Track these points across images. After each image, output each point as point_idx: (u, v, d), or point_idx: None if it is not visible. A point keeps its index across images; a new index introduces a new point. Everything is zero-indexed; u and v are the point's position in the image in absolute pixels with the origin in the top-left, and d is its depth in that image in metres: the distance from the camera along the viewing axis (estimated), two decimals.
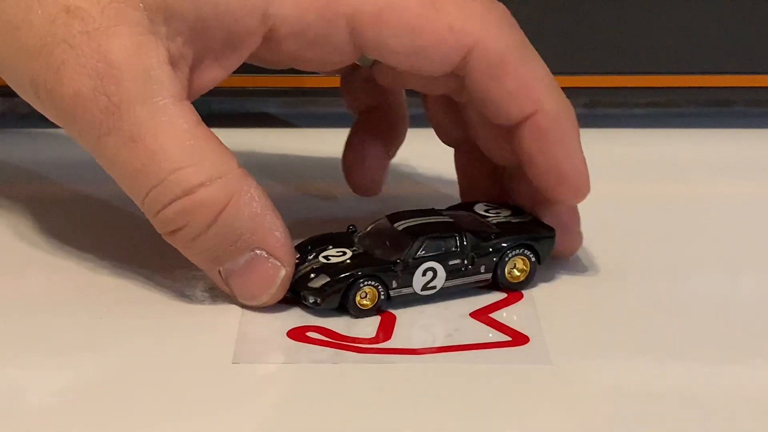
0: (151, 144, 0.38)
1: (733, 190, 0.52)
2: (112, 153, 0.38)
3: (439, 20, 0.40)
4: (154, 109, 0.38)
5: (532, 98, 0.41)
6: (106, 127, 0.38)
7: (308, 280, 0.40)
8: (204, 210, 0.38)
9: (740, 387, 0.38)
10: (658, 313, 0.41)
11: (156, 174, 0.38)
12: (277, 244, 0.39)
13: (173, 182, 0.38)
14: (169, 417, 0.36)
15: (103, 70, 0.38)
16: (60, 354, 0.39)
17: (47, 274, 0.43)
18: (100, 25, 0.38)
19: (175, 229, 0.39)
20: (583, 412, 0.36)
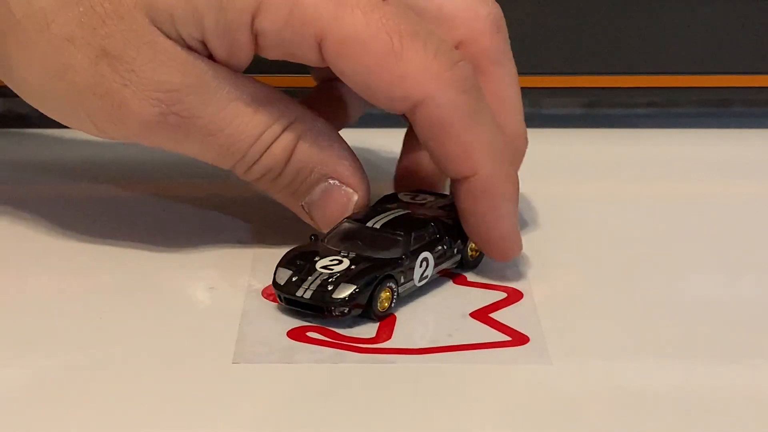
0: (229, 130, 0.42)
1: (733, 190, 0.52)
2: (196, 149, 0.42)
3: (395, 68, 0.40)
4: (218, 103, 0.41)
5: (469, 163, 0.41)
6: (183, 135, 0.42)
7: (329, 293, 0.39)
8: (281, 154, 0.42)
9: (740, 387, 0.38)
10: (658, 313, 0.41)
11: (240, 151, 0.42)
12: (347, 172, 0.43)
13: (254, 151, 0.42)
14: (170, 417, 0.36)
15: (164, 97, 0.41)
16: (60, 353, 0.39)
17: (47, 274, 0.43)
18: (142, 62, 0.40)
19: (260, 176, 0.43)
20: (583, 412, 0.36)
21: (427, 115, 0.41)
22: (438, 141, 0.41)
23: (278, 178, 0.43)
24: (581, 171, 0.54)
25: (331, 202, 0.43)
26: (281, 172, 0.43)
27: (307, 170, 0.43)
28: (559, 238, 0.47)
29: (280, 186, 0.43)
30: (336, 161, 0.43)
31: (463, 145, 0.41)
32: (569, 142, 0.56)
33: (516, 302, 0.42)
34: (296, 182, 0.43)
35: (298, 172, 0.43)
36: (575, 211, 0.49)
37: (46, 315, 0.41)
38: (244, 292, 0.42)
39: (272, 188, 0.43)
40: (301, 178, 0.43)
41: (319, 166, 0.43)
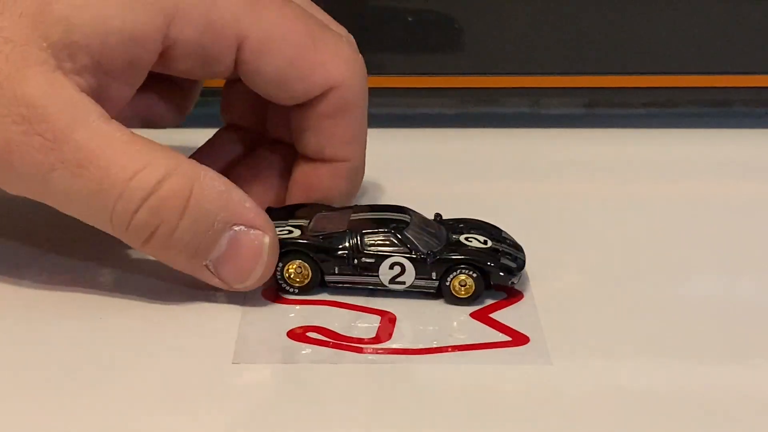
0: (101, 162, 0.38)
1: (733, 190, 0.52)
2: (64, 186, 0.38)
3: (314, 56, 0.42)
4: (92, 131, 0.38)
5: (353, 147, 0.44)
6: (48, 165, 0.38)
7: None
8: (172, 201, 0.38)
9: (740, 387, 0.38)
10: (658, 313, 0.41)
11: (115, 187, 0.38)
12: (252, 214, 0.40)
13: (134, 188, 0.38)
14: (170, 417, 0.36)
15: (28, 113, 0.38)
16: (59, 353, 0.39)
17: (47, 274, 0.43)
18: (9, 73, 0.38)
19: (151, 234, 0.39)
20: (583, 412, 0.36)
21: (338, 98, 0.43)
22: (338, 122, 0.43)
23: (174, 234, 0.39)
24: (581, 171, 0.54)
25: (242, 251, 0.40)
26: (177, 224, 0.39)
27: (209, 219, 0.39)
28: (559, 238, 0.47)
29: (179, 245, 0.39)
30: (238, 204, 0.40)
31: (356, 129, 0.44)
32: (569, 142, 0.56)
33: (516, 302, 0.42)
34: (197, 236, 0.39)
35: (197, 222, 0.39)
36: (575, 211, 0.49)
37: (45, 315, 0.41)
38: (244, 292, 0.42)
39: (168, 250, 0.39)
40: (202, 230, 0.39)
41: (222, 212, 0.39)
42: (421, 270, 0.41)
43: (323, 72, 0.42)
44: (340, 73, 0.43)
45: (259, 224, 0.40)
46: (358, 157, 0.45)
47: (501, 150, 0.55)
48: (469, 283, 0.41)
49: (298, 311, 0.41)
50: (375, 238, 0.41)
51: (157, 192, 0.38)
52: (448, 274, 0.41)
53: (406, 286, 0.41)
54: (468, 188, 0.52)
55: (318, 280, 0.41)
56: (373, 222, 0.42)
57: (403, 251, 0.41)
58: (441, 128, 0.56)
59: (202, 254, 0.40)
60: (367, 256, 0.41)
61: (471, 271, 0.41)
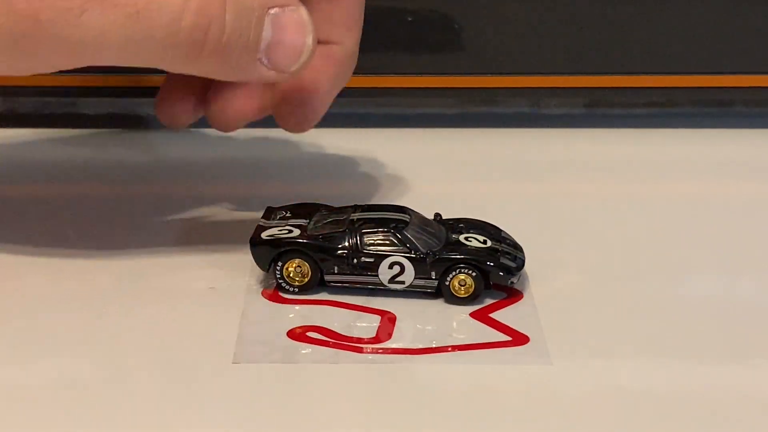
0: None
1: (733, 190, 0.52)
2: (100, 24, 0.37)
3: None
4: None
5: (341, 32, 0.44)
6: (78, 8, 0.37)
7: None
8: (211, 4, 0.38)
9: (740, 387, 0.38)
10: (658, 313, 0.41)
11: (153, 2, 0.37)
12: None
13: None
14: (169, 417, 0.36)
15: None
16: (59, 353, 0.39)
17: (47, 274, 0.43)
18: None
19: (205, 35, 0.38)
20: (583, 412, 0.36)
21: None
22: (334, 6, 0.43)
23: (225, 31, 0.38)
24: (581, 171, 0.54)
25: (288, 28, 0.40)
26: (224, 20, 0.38)
27: (248, 8, 0.39)
28: (559, 238, 0.47)
29: (231, 43, 0.39)
30: None
31: (353, 13, 0.44)
32: (569, 142, 0.56)
33: (516, 302, 0.42)
34: (244, 28, 0.39)
35: (240, 14, 0.39)
36: (575, 211, 0.49)
37: (45, 315, 0.41)
38: (244, 292, 0.42)
39: (223, 53, 0.39)
40: (246, 21, 0.39)
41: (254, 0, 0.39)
42: (420, 269, 0.41)
43: None
44: None
45: (290, 1, 0.40)
46: (353, 42, 0.44)
47: (501, 150, 0.55)
48: (469, 283, 0.41)
49: (298, 311, 0.41)
50: (374, 237, 0.41)
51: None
52: (447, 273, 0.41)
53: (406, 285, 0.41)
54: (468, 188, 0.52)
55: (317, 280, 0.41)
56: (372, 222, 0.42)
57: (403, 251, 0.41)
58: (441, 128, 0.56)
59: (254, 46, 0.39)
60: (367, 256, 0.41)
61: (470, 270, 0.41)
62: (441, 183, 0.52)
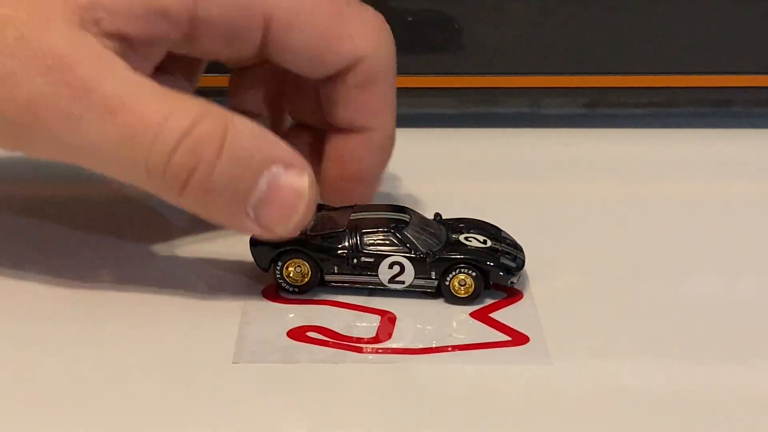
0: (133, 106, 0.37)
1: (733, 190, 0.52)
2: (94, 136, 0.37)
3: (343, 28, 0.42)
4: (120, 78, 0.38)
5: (382, 117, 0.44)
6: (77, 114, 0.37)
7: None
8: (209, 140, 0.37)
9: (740, 387, 0.38)
10: (658, 313, 0.41)
11: (149, 129, 0.37)
12: (288, 153, 0.39)
13: (169, 129, 0.37)
14: (169, 417, 0.36)
15: (54, 63, 0.37)
16: (59, 354, 0.39)
17: (47, 275, 0.43)
18: (33, 25, 0.37)
19: (189, 176, 0.37)
20: (583, 412, 0.36)
21: (367, 69, 0.43)
22: (369, 92, 0.43)
23: (212, 175, 0.38)
24: (581, 171, 0.54)
25: (283, 191, 0.39)
26: (215, 164, 0.37)
27: (246, 159, 0.38)
28: (559, 238, 0.47)
29: (218, 188, 0.38)
30: (273, 144, 0.39)
31: (386, 98, 0.44)
32: (569, 142, 0.56)
33: (516, 302, 0.42)
34: (236, 178, 0.38)
35: (235, 162, 0.38)
36: (575, 211, 0.49)
37: (45, 315, 0.41)
38: (244, 292, 0.42)
39: (207, 195, 0.38)
40: (241, 171, 0.38)
41: (258, 151, 0.38)
42: (420, 269, 0.41)
43: (352, 43, 0.42)
44: (369, 44, 0.42)
45: (296, 163, 0.39)
46: (389, 125, 0.44)
47: (501, 150, 0.55)
48: (469, 283, 0.41)
49: (298, 311, 0.41)
50: (374, 237, 0.41)
51: (192, 132, 0.37)
52: (447, 273, 0.41)
53: (406, 285, 0.41)
54: (468, 188, 0.52)
55: (317, 280, 0.41)
56: (372, 221, 0.42)
57: (403, 251, 0.41)
58: (441, 128, 0.56)
59: (242, 198, 0.38)
60: (367, 256, 0.41)
61: (470, 270, 0.41)
62: (441, 183, 0.52)
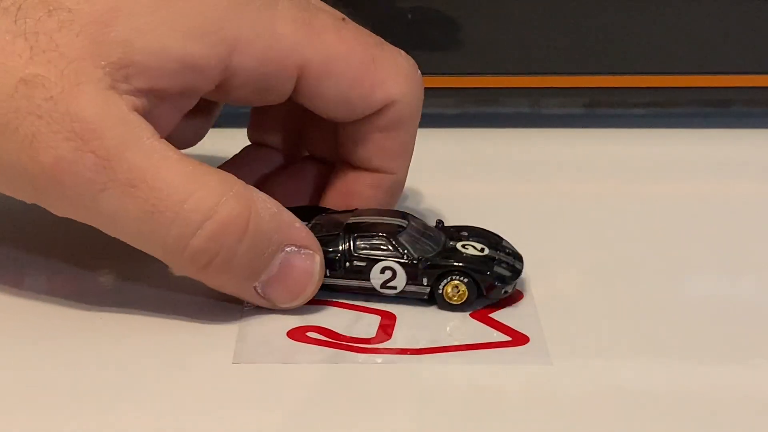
0: (155, 182, 0.37)
1: (733, 190, 0.52)
2: (115, 207, 0.37)
3: (375, 75, 0.42)
4: (145, 150, 0.37)
5: (400, 161, 0.44)
6: (100, 184, 0.37)
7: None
8: (233, 227, 0.38)
9: (740, 387, 0.38)
10: (658, 313, 0.41)
11: (170, 209, 0.37)
12: (302, 234, 0.40)
13: (190, 211, 0.37)
14: (169, 417, 0.36)
15: (81, 130, 0.37)
16: (60, 354, 0.39)
17: (47, 274, 0.43)
18: (63, 88, 0.37)
19: (210, 261, 0.38)
20: (583, 412, 0.36)
21: (395, 113, 0.42)
22: (391, 136, 0.43)
23: (235, 258, 0.38)
24: (581, 171, 0.54)
25: (295, 272, 0.39)
26: (236, 250, 0.38)
27: (265, 242, 0.39)
28: (559, 238, 0.47)
29: (235, 270, 0.38)
30: (289, 226, 0.39)
31: (407, 143, 0.44)
32: (569, 142, 0.56)
33: (516, 302, 0.41)
34: (253, 260, 0.39)
35: (255, 246, 0.38)
36: (575, 211, 0.49)
37: (45, 315, 0.41)
38: None
39: (227, 273, 0.39)
40: (258, 253, 0.39)
41: (276, 234, 0.39)
42: (412, 275, 0.41)
43: (383, 89, 0.42)
44: (400, 89, 0.42)
45: (309, 244, 0.40)
46: (403, 171, 0.44)
47: (501, 150, 0.55)
48: (462, 290, 0.41)
49: (298, 311, 0.41)
50: (367, 241, 0.41)
51: (215, 216, 0.37)
52: (440, 280, 0.41)
53: (398, 291, 0.41)
54: (468, 188, 0.52)
55: None
56: (367, 226, 0.41)
57: (395, 256, 0.41)
58: (441, 128, 0.56)
59: (254, 277, 0.39)
60: (359, 260, 0.41)
61: (463, 278, 0.41)
62: (441, 183, 0.52)
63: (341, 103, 0.42)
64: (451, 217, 0.44)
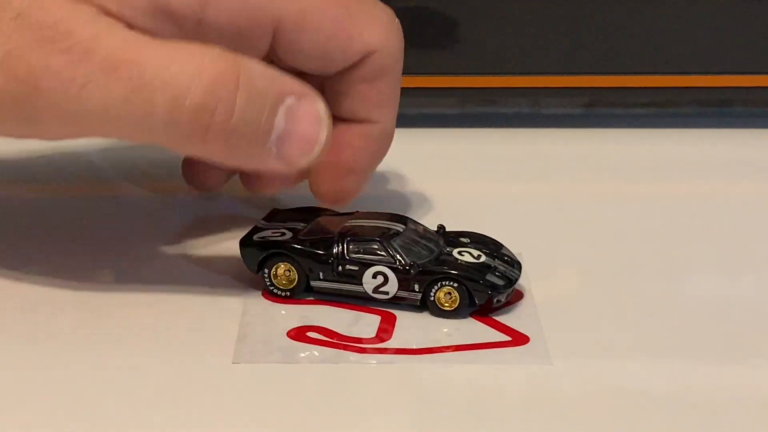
0: (137, 58, 0.36)
1: (733, 190, 0.52)
2: (102, 97, 0.36)
3: (353, 26, 0.42)
4: (120, 37, 0.37)
5: (385, 111, 0.44)
6: (81, 79, 0.36)
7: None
8: (224, 79, 0.37)
9: (740, 387, 0.38)
10: (658, 313, 0.41)
11: (156, 77, 0.36)
12: (298, 84, 0.39)
13: (177, 74, 0.36)
14: (170, 417, 0.36)
15: (51, 34, 0.36)
16: (60, 354, 0.39)
17: (47, 274, 0.43)
18: (30, 2, 0.36)
19: (210, 118, 0.36)
20: (583, 412, 0.36)
21: (375, 63, 0.42)
22: (374, 86, 0.43)
23: (233, 115, 0.37)
24: (581, 171, 0.54)
25: (302, 120, 0.38)
26: (234, 103, 0.37)
27: (262, 95, 0.38)
28: (559, 238, 0.47)
29: (239, 129, 0.37)
30: (283, 78, 0.39)
31: (391, 93, 0.44)
32: (569, 142, 0.56)
33: (516, 302, 0.41)
34: (255, 115, 0.37)
35: (252, 99, 0.37)
36: (575, 211, 0.49)
37: (45, 315, 0.41)
38: (244, 292, 0.42)
39: (229, 138, 0.37)
40: (258, 108, 0.37)
41: (272, 85, 0.38)
42: (404, 281, 0.40)
43: (362, 40, 0.42)
44: (379, 39, 0.42)
45: (307, 91, 0.39)
46: (390, 120, 0.44)
47: (501, 150, 0.55)
48: (454, 296, 0.40)
49: (298, 311, 0.41)
50: (360, 246, 0.41)
51: (202, 73, 0.36)
52: (431, 286, 0.40)
53: (390, 296, 0.41)
54: (468, 188, 0.52)
55: (304, 285, 0.41)
56: (362, 229, 0.41)
57: (387, 261, 0.40)
58: (441, 128, 0.56)
59: (264, 135, 0.38)
60: (351, 264, 0.41)
61: (454, 284, 0.40)
62: (441, 183, 0.52)
63: (320, 56, 0.42)
64: (450, 218, 0.44)
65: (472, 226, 0.43)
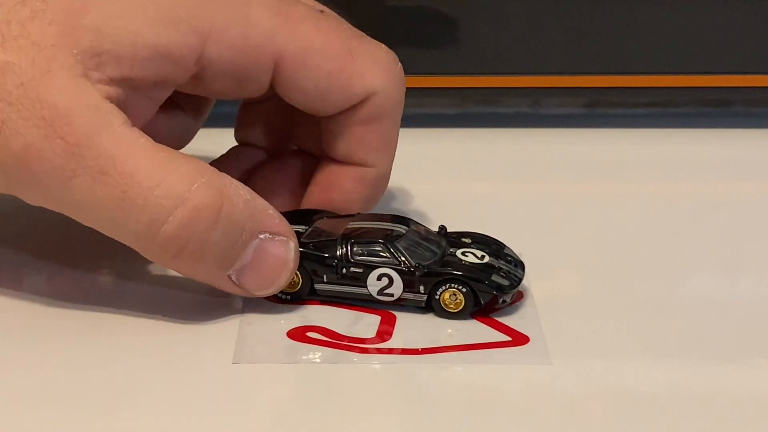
0: (125, 168, 0.37)
1: (733, 190, 0.52)
2: (85, 194, 0.37)
3: (353, 66, 0.42)
4: (115, 136, 0.37)
5: (381, 154, 0.43)
6: (70, 171, 0.37)
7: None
8: (205, 214, 0.37)
9: (740, 387, 0.38)
10: (658, 313, 0.41)
11: (141, 195, 0.37)
12: (276, 220, 0.39)
13: (161, 197, 0.37)
14: (170, 417, 0.36)
15: (50, 116, 0.37)
16: (60, 354, 0.39)
17: (47, 274, 0.43)
18: (34, 75, 0.37)
19: (181, 249, 0.38)
20: (583, 412, 0.36)
21: (375, 106, 0.42)
22: (372, 129, 0.42)
23: (207, 246, 0.38)
24: (581, 171, 0.54)
25: (269, 259, 0.39)
26: (208, 237, 0.37)
27: (238, 229, 0.38)
28: (559, 238, 0.47)
29: (210, 257, 0.38)
30: (262, 212, 0.39)
31: (388, 137, 0.43)
32: (569, 142, 0.56)
33: (516, 302, 0.41)
34: (226, 248, 0.38)
35: (227, 234, 0.38)
36: (575, 211, 0.49)
37: (45, 315, 0.41)
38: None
39: (199, 262, 0.38)
40: (231, 241, 0.38)
41: (249, 222, 0.38)
42: (408, 282, 0.40)
43: (362, 81, 0.42)
44: (379, 81, 0.42)
45: (283, 231, 0.39)
46: (386, 164, 0.44)
47: (501, 150, 0.55)
48: (459, 298, 0.40)
49: (298, 311, 0.41)
50: (364, 248, 0.41)
51: (186, 203, 0.37)
52: (437, 288, 0.40)
53: (395, 298, 0.41)
54: (468, 188, 0.52)
55: (308, 288, 0.41)
56: (366, 231, 0.41)
57: (392, 263, 0.40)
58: (441, 128, 0.56)
59: (228, 265, 0.39)
60: (355, 266, 0.41)
61: (460, 285, 0.40)
62: (441, 183, 0.52)
63: (319, 96, 0.42)
64: (451, 218, 0.44)
65: (472, 226, 0.43)
